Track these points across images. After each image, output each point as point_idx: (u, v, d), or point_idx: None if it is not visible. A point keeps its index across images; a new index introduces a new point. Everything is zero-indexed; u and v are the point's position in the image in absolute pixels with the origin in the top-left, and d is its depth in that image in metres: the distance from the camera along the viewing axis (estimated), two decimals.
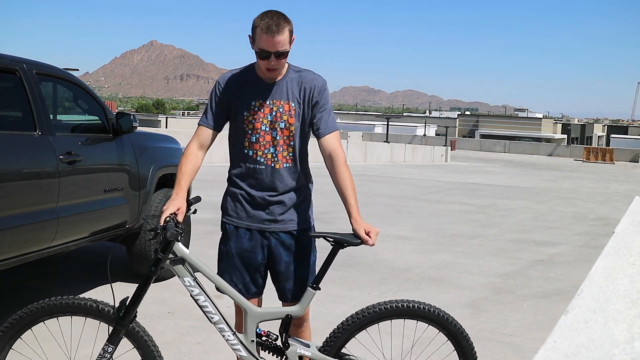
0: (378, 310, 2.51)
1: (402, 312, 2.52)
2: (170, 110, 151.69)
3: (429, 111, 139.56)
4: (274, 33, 2.43)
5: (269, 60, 2.48)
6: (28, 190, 3.76)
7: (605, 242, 1.82)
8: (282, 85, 2.61)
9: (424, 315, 2.53)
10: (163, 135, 5.83)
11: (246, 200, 2.66)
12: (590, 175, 28.47)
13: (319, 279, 2.54)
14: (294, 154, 2.65)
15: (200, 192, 5.85)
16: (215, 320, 2.49)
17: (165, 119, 50.18)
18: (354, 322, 2.52)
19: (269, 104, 2.60)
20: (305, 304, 2.56)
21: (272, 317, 2.57)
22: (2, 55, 3.85)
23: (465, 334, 2.58)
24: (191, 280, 2.44)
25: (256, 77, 2.62)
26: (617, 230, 2.00)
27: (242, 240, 2.66)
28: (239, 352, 2.49)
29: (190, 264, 2.45)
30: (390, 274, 6.08)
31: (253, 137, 2.61)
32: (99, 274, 5.40)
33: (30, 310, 2.45)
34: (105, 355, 2.39)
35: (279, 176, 2.63)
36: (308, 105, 2.63)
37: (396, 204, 12.18)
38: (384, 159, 31.48)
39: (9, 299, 4.64)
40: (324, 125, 2.63)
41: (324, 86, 2.66)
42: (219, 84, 2.66)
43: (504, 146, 60.94)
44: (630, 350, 0.87)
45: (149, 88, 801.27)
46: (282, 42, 2.46)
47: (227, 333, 2.50)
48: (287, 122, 2.61)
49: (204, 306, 2.46)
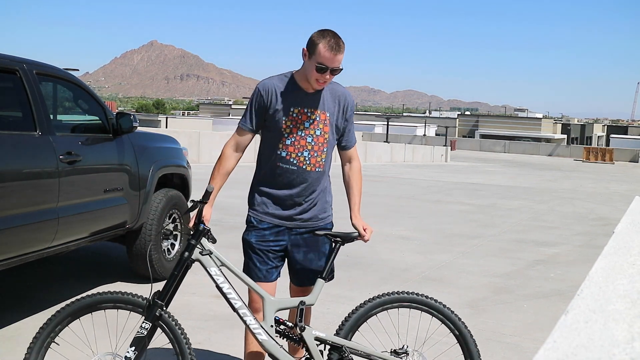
0: (386, 298, 2.80)
1: (411, 301, 2.79)
2: (170, 110, 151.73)
3: (429, 111, 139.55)
4: (337, 52, 2.70)
5: (324, 74, 2.72)
6: (28, 190, 3.76)
7: (605, 242, 1.82)
8: (320, 96, 2.86)
9: (430, 306, 2.78)
10: (163, 135, 5.83)
11: (272, 197, 2.88)
12: (590, 175, 28.47)
13: (327, 271, 2.82)
14: (326, 159, 2.91)
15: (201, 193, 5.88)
16: (239, 305, 2.67)
17: (165, 119, 50.22)
18: (363, 307, 2.78)
19: (307, 111, 2.84)
20: (317, 293, 2.79)
21: (288, 304, 2.80)
22: (2, 55, 3.85)
23: (465, 325, 2.81)
24: (217, 270, 2.67)
25: (296, 86, 2.84)
26: (617, 230, 2.00)
27: (265, 233, 2.88)
28: (260, 336, 2.66)
29: (216, 256, 2.71)
30: (390, 274, 6.09)
31: (288, 140, 2.83)
32: (99, 274, 5.41)
33: (77, 304, 2.62)
34: (142, 331, 2.57)
35: (308, 178, 2.86)
36: (342, 118, 2.92)
37: (396, 204, 12.18)
38: (384, 159, 31.48)
39: (8, 299, 4.64)
40: (351, 138, 3.01)
41: (353, 102, 3.01)
42: (259, 90, 2.87)
43: (504, 146, 60.95)
44: (630, 350, 0.87)
45: (149, 88, 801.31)
46: (340, 61, 2.73)
47: (249, 318, 2.67)
48: (322, 130, 2.86)
49: (228, 293, 2.66)
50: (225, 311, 4.66)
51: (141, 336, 2.56)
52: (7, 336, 3.87)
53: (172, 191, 5.36)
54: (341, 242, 2.82)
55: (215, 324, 4.26)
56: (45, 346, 2.60)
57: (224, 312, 4.57)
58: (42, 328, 2.61)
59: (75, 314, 2.63)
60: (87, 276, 5.33)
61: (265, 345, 2.66)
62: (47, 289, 4.94)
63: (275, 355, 2.65)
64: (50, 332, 2.61)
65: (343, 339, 2.74)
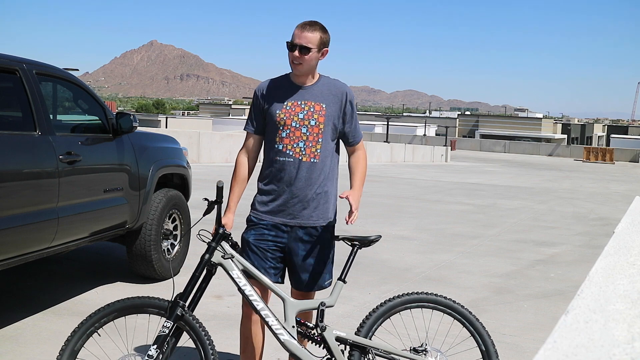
0: (406, 298, 2.82)
1: (429, 301, 2.83)
2: (170, 110, 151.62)
3: (429, 111, 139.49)
4: (303, 29, 2.76)
5: (294, 52, 2.76)
6: (28, 190, 3.76)
7: (605, 242, 1.82)
8: (314, 89, 2.88)
9: (450, 307, 2.81)
10: (163, 135, 5.83)
11: (272, 195, 2.88)
12: (590, 175, 28.46)
13: (345, 273, 2.84)
14: (322, 150, 2.87)
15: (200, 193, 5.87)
16: (261, 307, 2.71)
17: (165, 119, 50.20)
18: (383, 307, 2.81)
19: (301, 103, 2.86)
20: (337, 295, 2.82)
21: (309, 306, 2.83)
22: (2, 55, 3.85)
23: (485, 328, 2.82)
24: (239, 273, 2.73)
25: (290, 82, 2.90)
26: (617, 230, 2.00)
27: (264, 231, 2.87)
28: (282, 337, 2.68)
29: (238, 260, 2.77)
30: (391, 274, 6.08)
31: (284, 132, 2.85)
32: (99, 274, 5.40)
33: (102, 312, 2.65)
34: (164, 330, 2.60)
35: (304, 169, 2.84)
36: (341, 110, 2.91)
37: (396, 204, 12.18)
38: (384, 159, 31.47)
39: (8, 299, 4.64)
40: (357, 134, 3.01)
41: (353, 96, 2.96)
42: (255, 92, 2.95)
43: (504, 146, 60.93)
44: (630, 350, 0.87)
45: (149, 88, 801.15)
46: (308, 38, 2.76)
47: (271, 319, 2.70)
48: (317, 120, 2.85)
49: (250, 295, 2.71)
50: (225, 311, 4.67)
51: (163, 335, 2.59)
52: (7, 336, 3.87)
53: (172, 191, 5.36)
54: (359, 246, 2.84)
55: (216, 324, 4.26)
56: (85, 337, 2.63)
57: (223, 312, 4.57)
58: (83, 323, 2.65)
59: (122, 312, 2.68)
60: (87, 276, 5.33)
61: (287, 345, 2.68)
62: (47, 289, 4.94)
63: (299, 356, 2.69)
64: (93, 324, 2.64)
65: (364, 338, 2.76)
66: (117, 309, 2.66)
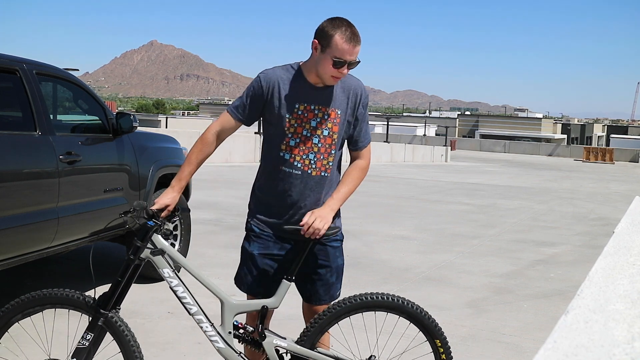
0: (349, 303, 2.50)
1: (375, 304, 2.53)
2: (170, 110, 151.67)
3: (429, 111, 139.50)
4: (355, 43, 2.39)
5: (342, 69, 2.41)
6: (28, 190, 3.76)
7: (605, 242, 1.82)
8: (329, 91, 2.52)
9: (397, 307, 2.51)
10: (163, 135, 5.83)
11: (273, 207, 2.58)
12: (590, 175, 28.46)
13: (292, 271, 2.52)
14: (333, 163, 2.58)
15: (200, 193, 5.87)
16: (194, 311, 2.50)
17: (165, 119, 50.20)
18: (328, 314, 2.50)
19: (314, 108, 2.51)
20: (281, 295, 2.52)
21: (249, 308, 2.57)
22: (2, 55, 3.85)
23: (438, 327, 2.53)
24: (170, 271, 2.49)
25: (303, 79, 2.50)
26: (617, 230, 2.00)
27: (268, 244, 2.59)
28: (217, 344, 2.47)
29: (170, 256, 2.52)
30: (390, 274, 6.08)
31: (292, 141, 2.51)
32: (99, 274, 5.40)
33: (13, 304, 2.53)
34: (83, 342, 2.42)
35: (313, 184, 2.54)
36: (352, 115, 2.58)
37: (396, 204, 12.18)
38: (384, 159, 31.47)
39: (9, 299, 4.64)
40: (365, 137, 2.64)
41: (367, 96, 2.65)
42: (260, 80, 2.52)
43: (504, 146, 60.94)
44: (630, 350, 0.87)
45: (149, 88, 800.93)
46: (358, 53, 2.43)
47: (205, 324, 2.50)
48: (330, 130, 2.53)
49: (183, 297, 2.50)
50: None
51: (82, 347, 2.43)
52: (6, 336, 3.87)
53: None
54: (313, 241, 2.50)
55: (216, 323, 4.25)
56: None
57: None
58: None
59: (26, 311, 2.54)
60: (87, 276, 5.33)
61: (222, 353, 2.47)
62: (47, 289, 4.93)
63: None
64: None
65: (306, 349, 2.48)
66: (36, 301, 2.53)
